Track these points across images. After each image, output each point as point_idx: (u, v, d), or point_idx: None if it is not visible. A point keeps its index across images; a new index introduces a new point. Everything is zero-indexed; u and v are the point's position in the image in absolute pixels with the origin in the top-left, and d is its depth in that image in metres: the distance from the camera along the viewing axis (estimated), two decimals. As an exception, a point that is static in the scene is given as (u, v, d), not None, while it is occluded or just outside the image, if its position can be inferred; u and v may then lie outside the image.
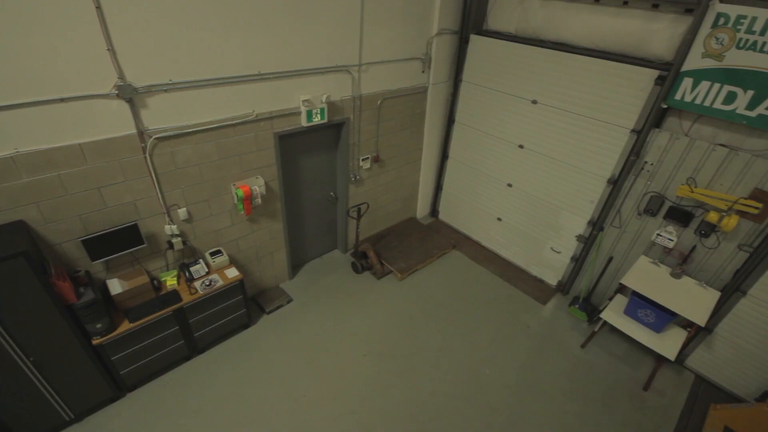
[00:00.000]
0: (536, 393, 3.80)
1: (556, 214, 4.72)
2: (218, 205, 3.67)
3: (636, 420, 3.63)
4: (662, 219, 3.86)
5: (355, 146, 4.55)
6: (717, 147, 3.35)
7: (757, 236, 3.36)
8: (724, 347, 3.82)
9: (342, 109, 4.15)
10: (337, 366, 3.88)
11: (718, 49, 3.07)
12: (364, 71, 4.10)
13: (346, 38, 3.78)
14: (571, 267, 4.84)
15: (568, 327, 4.57)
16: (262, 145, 3.68)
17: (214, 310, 3.72)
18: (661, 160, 3.69)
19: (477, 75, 4.86)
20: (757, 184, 3.24)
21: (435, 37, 4.54)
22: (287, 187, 4.34)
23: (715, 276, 3.72)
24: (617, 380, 3.98)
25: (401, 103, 4.73)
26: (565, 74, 4.06)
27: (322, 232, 5.15)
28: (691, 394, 3.92)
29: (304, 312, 4.45)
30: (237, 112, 3.37)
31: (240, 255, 4.12)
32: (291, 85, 3.59)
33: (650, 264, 4.00)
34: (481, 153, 5.22)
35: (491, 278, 5.21)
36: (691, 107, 3.34)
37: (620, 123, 3.83)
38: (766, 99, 2.99)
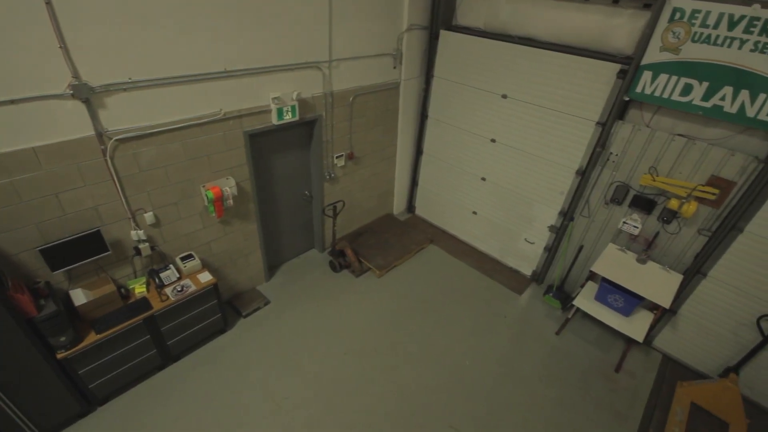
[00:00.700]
0: (515, 381, 3.89)
1: (529, 205, 4.83)
2: (188, 207, 3.55)
3: (609, 401, 3.77)
4: (627, 207, 4.01)
5: (329, 144, 4.50)
6: (676, 137, 3.50)
7: (714, 221, 3.54)
8: (687, 327, 4.02)
9: (314, 107, 4.09)
10: (318, 366, 3.85)
11: (674, 42, 3.21)
12: (334, 67, 4.05)
13: (315, 34, 3.72)
14: (544, 257, 4.97)
15: (544, 315, 4.70)
16: (232, 145, 3.58)
17: (187, 316, 3.60)
18: (624, 150, 3.84)
19: (448, 70, 4.89)
20: (713, 172, 3.41)
21: (405, 33, 4.54)
22: (260, 187, 4.25)
23: (677, 260, 3.90)
24: (591, 364, 4.13)
25: (374, 100, 4.71)
26: (532, 69, 4.15)
27: (299, 231, 5.08)
28: (659, 374, 4.11)
29: (283, 313, 4.39)
30: (204, 110, 3.26)
31: (213, 258, 4.00)
32: (260, 83, 3.51)
33: (618, 251, 4.16)
34: (455, 148, 5.28)
35: (469, 271, 5.29)
36: (651, 99, 3.48)
37: (586, 116, 3.96)
38: (719, 90, 3.15)
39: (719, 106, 3.18)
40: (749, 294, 3.52)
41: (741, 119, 3.12)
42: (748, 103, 3.05)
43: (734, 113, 3.13)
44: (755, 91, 3.00)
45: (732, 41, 2.98)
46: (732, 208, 3.39)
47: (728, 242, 3.48)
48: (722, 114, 3.18)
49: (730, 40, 2.99)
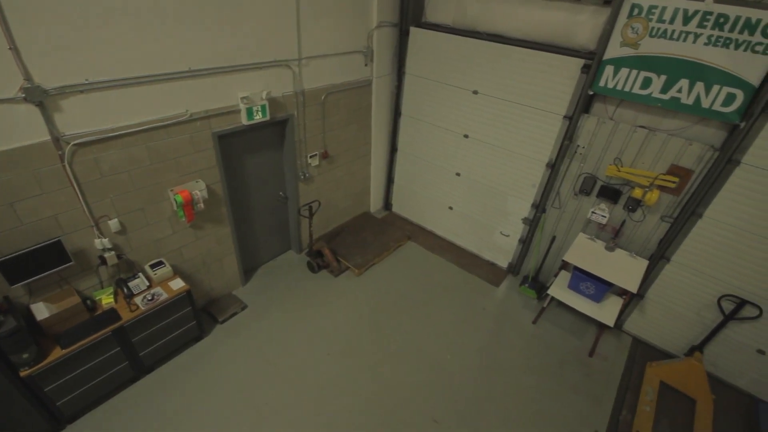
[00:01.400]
0: (495, 371, 3.97)
1: (503, 199, 4.92)
2: (155, 213, 3.42)
3: (585, 384, 3.91)
4: (595, 198, 4.16)
5: (302, 143, 4.44)
6: (637, 129, 3.65)
7: (675, 208, 3.72)
8: (654, 310, 4.21)
9: (285, 106, 4.02)
10: (299, 369, 3.80)
11: (633, 37, 3.34)
12: (304, 65, 3.99)
13: (283, 31, 3.65)
14: (519, 249, 5.09)
15: (521, 305, 4.81)
16: (200, 147, 3.47)
17: (160, 325, 3.48)
18: (591, 143, 3.97)
19: (419, 67, 4.92)
20: (673, 161, 3.57)
21: (375, 30, 4.52)
22: (232, 190, 4.14)
23: (643, 246, 4.07)
24: (566, 350, 4.26)
25: (346, 98, 4.68)
26: (501, 65, 4.22)
27: (274, 233, 4.99)
28: (630, 356, 4.29)
29: (261, 317, 4.31)
30: (168, 112, 3.15)
31: (185, 264, 3.88)
32: (227, 82, 3.41)
33: (588, 240, 4.30)
34: (429, 144, 5.31)
35: (447, 266, 5.35)
36: (613, 93, 3.61)
37: (554, 110, 4.06)
38: (676, 83, 3.29)
39: (677, 98, 3.33)
40: (710, 276, 3.72)
41: (697, 110, 3.28)
42: (703, 95, 3.21)
43: (691, 104, 3.29)
44: (709, 82, 3.16)
45: (687, 35, 3.13)
46: (691, 195, 3.57)
47: (689, 228, 3.66)
48: (679, 105, 3.34)
49: (685, 35, 3.13)
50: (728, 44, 2.99)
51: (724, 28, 2.97)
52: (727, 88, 3.09)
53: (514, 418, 3.55)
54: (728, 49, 3.00)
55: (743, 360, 3.84)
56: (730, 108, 3.13)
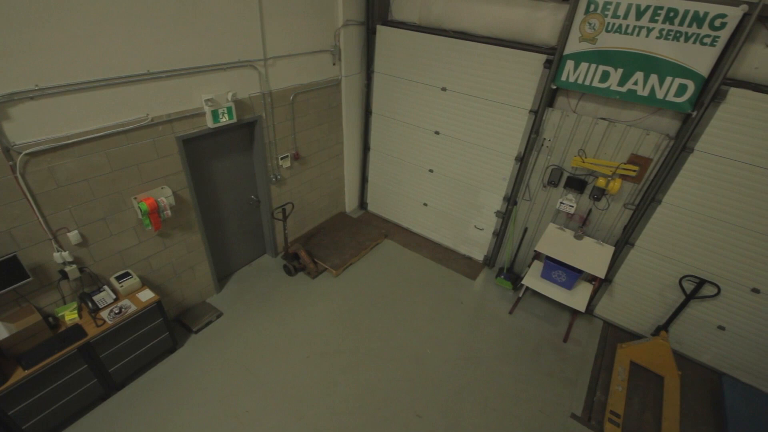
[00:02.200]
0: (474, 362, 4.04)
1: (476, 193, 5.01)
2: (119, 222, 3.29)
3: (560, 369, 4.04)
4: (563, 188, 4.29)
5: (272, 145, 4.36)
6: (599, 120, 3.79)
7: (637, 195, 3.89)
8: (622, 294, 4.39)
9: (252, 107, 3.94)
10: (279, 374, 3.75)
11: (591, 33, 3.46)
12: (270, 66, 3.92)
13: (247, 31, 3.57)
14: (493, 241, 5.19)
15: (497, 297, 4.91)
16: (164, 152, 3.36)
17: (129, 339, 3.35)
18: (556, 135, 4.09)
19: (388, 65, 4.93)
20: (633, 150, 3.73)
21: (342, 29, 4.49)
22: (201, 195, 4.03)
23: (608, 233, 4.24)
24: (542, 337, 4.38)
25: (315, 97, 4.63)
26: (467, 61, 4.28)
27: (248, 238, 4.90)
28: (602, 339, 4.46)
29: (238, 324, 4.21)
30: (127, 116, 3.02)
31: (154, 274, 3.75)
32: (190, 84, 3.31)
33: (557, 230, 4.44)
34: (401, 142, 5.34)
35: (424, 262, 5.39)
36: (575, 87, 3.73)
37: (520, 105, 4.16)
38: (632, 75, 3.43)
39: (633, 90, 3.47)
40: (671, 258, 3.91)
41: (652, 101, 3.43)
42: (657, 86, 3.36)
43: (646, 96, 3.44)
44: (662, 74, 3.31)
45: (640, 30, 3.26)
46: (650, 182, 3.74)
47: (650, 214, 3.84)
48: (636, 97, 3.49)
49: (639, 29, 3.27)
50: (678, 37, 3.14)
51: (674, 22, 3.12)
52: (678, 80, 3.25)
53: (494, 407, 3.62)
54: (678, 42, 3.15)
55: (705, 336, 4.07)
56: (682, 98, 3.29)
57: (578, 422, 3.56)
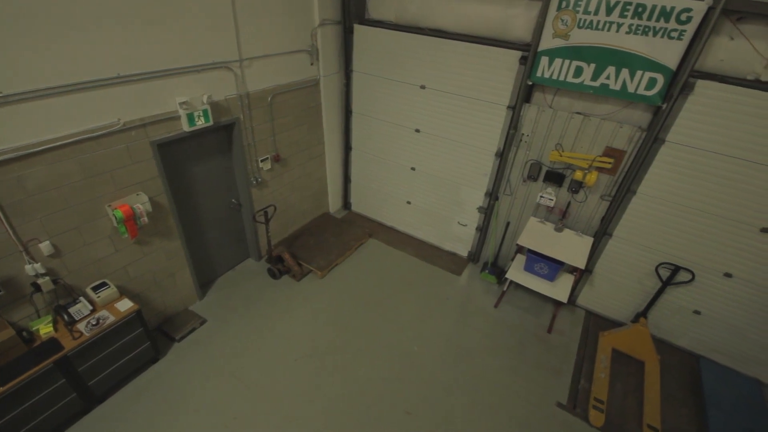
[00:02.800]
0: (462, 357, 4.08)
1: (458, 190, 5.05)
2: (93, 231, 3.19)
3: (546, 359, 4.11)
4: (542, 182, 4.36)
5: (251, 147, 4.30)
6: (574, 115, 3.87)
7: (612, 186, 3.99)
8: (602, 283, 4.50)
9: (229, 110, 3.88)
10: (267, 378, 3.71)
11: (564, 29, 3.52)
12: (247, 67, 3.86)
13: (221, 32, 3.51)
14: (477, 237, 5.25)
15: (482, 291, 4.97)
16: (138, 157, 3.27)
17: (109, 351, 3.26)
18: (534, 130, 4.16)
19: (366, 64, 4.92)
20: (607, 143, 3.83)
21: (318, 28, 4.46)
22: (180, 200, 3.94)
23: (587, 225, 4.34)
24: (527, 329, 4.45)
25: (294, 98, 4.59)
26: (445, 59, 4.31)
27: (230, 242, 4.82)
28: (584, 328, 4.56)
29: (223, 330, 4.15)
30: (98, 122, 2.93)
31: (132, 283, 3.65)
32: (163, 87, 3.23)
33: (538, 223, 4.51)
34: (383, 141, 5.34)
35: (409, 260, 5.41)
36: (550, 82, 3.80)
37: (498, 101, 4.21)
38: (605, 70, 3.52)
39: (606, 84, 3.56)
40: (647, 247, 4.03)
41: (624, 95, 3.52)
42: (629, 80, 3.45)
43: (618, 90, 3.53)
44: (633, 69, 3.40)
45: (611, 25, 3.34)
46: (625, 173, 3.84)
47: (625, 204, 3.94)
48: (609, 91, 3.57)
49: (609, 24, 3.35)
50: (647, 32, 3.23)
51: (643, 17, 3.20)
52: (648, 73, 3.35)
53: (482, 400, 3.66)
54: (647, 37, 3.24)
55: (682, 321, 4.21)
56: (652, 91, 3.39)
57: (564, 410, 3.64)
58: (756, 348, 3.92)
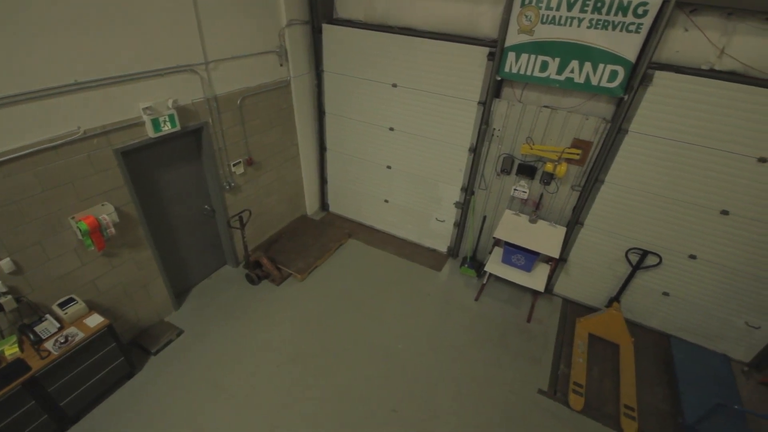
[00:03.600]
0: (445, 351, 4.12)
1: (434, 186, 5.09)
2: (56, 245, 3.05)
3: (526, 348, 4.20)
4: (515, 175, 4.45)
5: (222, 151, 4.20)
6: (542, 108, 3.96)
7: (582, 177, 4.11)
8: (576, 271, 4.64)
9: (197, 114, 3.78)
10: (249, 386, 3.64)
11: (528, 25, 3.60)
12: (213, 69, 3.77)
13: (183, 34, 3.41)
14: (455, 232, 5.31)
15: (463, 286, 5.03)
16: (101, 166, 3.14)
17: (80, 368, 3.13)
18: (505, 125, 4.23)
19: (337, 64, 4.89)
20: (575, 135, 3.94)
21: (286, 28, 4.40)
22: (149, 209, 3.82)
23: (560, 215, 4.45)
24: (507, 320, 4.54)
25: (265, 100, 4.51)
26: (415, 57, 4.33)
27: (205, 249, 4.70)
28: (562, 315, 4.69)
29: (201, 340, 4.04)
30: (56, 131, 2.80)
31: (102, 297, 3.51)
32: (125, 93, 3.12)
33: (513, 215, 4.60)
34: (357, 140, 5.32)
35: (389, 258, 5.42)
36: (517, 77, 3.87)
37: (469, 97, 4.27)
38: (569, 64, 3.61)
39: (570, 78, 3.66)
40: (616, 234, 4.17)
41: (588, 87, 3.63)
42: (592, 73, 3.56)
43: (583, 83, 3.64)
44: (595, 62, 3.51)
45: (572, 20, 3.44)
46: (593, 164, 3.96)
47: (594, 194, 4.07)
48: (574, 84, 3.67)
49: (571, 19, 3.44)
50: (606, 26, 3.34)
51: (602, 12, 3.31)
52: (610, 66, 3.46)
53: (467, 392, 3.71)
54: (607, 31, 3.35)
55: (652, 303, 4.38)
56: (614, 83, 3.50)
57: (545, 396, 3.73)
58: (721, 325, 4.12)
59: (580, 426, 3.50)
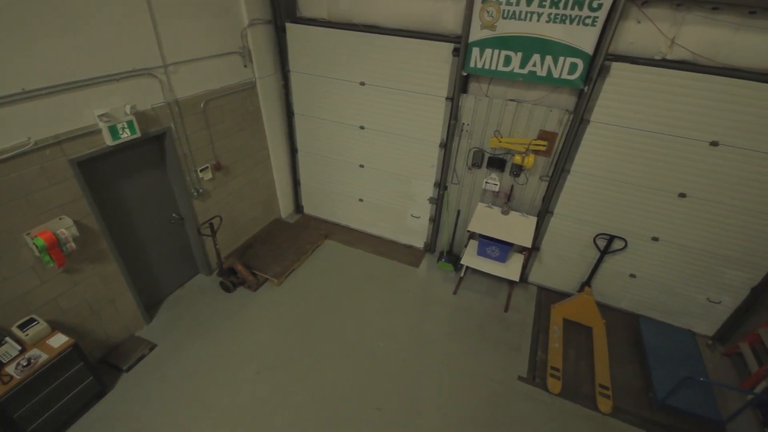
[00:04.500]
0: (426, 346, 4.15)
1: (408, 183, 5.11)
2: (11, 264, 2.87)
3: (505, 337, 4.29)
4: (486, 169, 4.53)
5: (188, 157, 4.07)
6: (508, 102, 4.05)
7: (549, 167, 4.22)
8: (549, 259, 4.77)
9: (158, 119, 3.64)
10: (228, 396, 3.55)
11: (490, 20, 3.66)
12: (173, 72, 3.64)
13: (138, 36, 3.27)
14: (431, 227, 5.35)
15: (441, 280, 5.08)
16: (56, 178, 2.98)
17: (46, 391, 2.98)
18: (473, 119, 4.29)
19: (303, 63, 4.82)
20: (541, 127, 4.04)
21: (248, 28, 4.29)
22: (112, 220, 3.65)
23: (530, 205, 4.57)
24: (485, 311, 4.62)
25: (230, 102, 4.40)
26: (381, 55, 4.33)
27: (176, 259, 4.55)
28: (537, 303, 4.81)
29: (175, 353, 3.91)
30: (4, 143, 2.64)
31: (66, 316, 3.34)
32: (78, 99, 2.97)
33: (486, 208, 4.69)
34: (328, 140, 5.28)
35: (367, 257, 5.41)
36: (483, 72, 3.93)
37: (437, 93, 4.30)
38: (531, 58, 3.70)
39: (533, 71, 3.74)
40: (584, 220, 4.31)
41: (550, 80, 3.73)
42: (553, 66, 3.66)
43: (545, 76, 3.73)
44: (556, 55, 3.60)
45: (532, 15, 3.52)
46: (559, 154, 4.07)
47: (562, 183, 4.19)
48: (537, 78, 3.76)
49: (530, 14, 3.52)
50: (564, 20, 3.43)
51: (560, 6, 3.40)
52: (569, 59, 3.56)
53: (448, 385, 3.76)
54: (565, 24, 3.45)
55: (621, 285, 4.56)
56: (574, 75, 3.61)
57: (524, 382, 3.83)
58: (685, 302, 4.34)
59: (559, 408, 3.62)
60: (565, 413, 3.58)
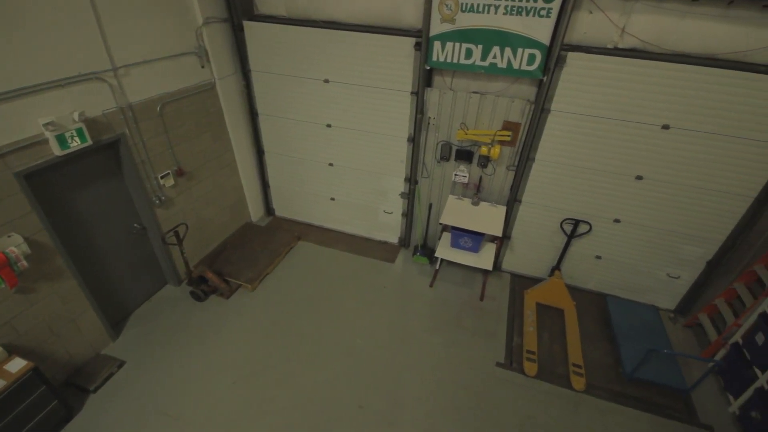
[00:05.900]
0: (405, 341, 4.17)
1: (378, 179, 5.10)
2: (-45, 288, 2.67)
3: (481, 326, 4.38)
4: (454, 161, 4.58)
5: (146, 164, 3.89)
6: (472, 94, 4.10)
7: (515, 157, 4.31)
8: (520, 246, 4.89)
9: (111, 125, 3.46)
10: (205, 409, 3.45)
11: (449, 14, 3.68)
12: (124, 75, 3.46)
13: (83, 38, 3.09)
14: (404, 222, 5.37)
15: (417, 274, 5.12)
16: (1, 193, 2.78)
17: (8, 420, 2.79)
18: (439, 113, 4.33)
19: (264, 62, 4.70)
20: (504, 117, 4.12)
21: (203, 27, 4.14)
22: (67, 235, 3.45)
23: (499, 195, 4.66)
24: (462, 302, 4.69)
25: (189, 105, 4.23)
26: (343, 51, 4.28)
27: (141, 271, 4.35)
28: (511, 290, 4.93)
29: (146, 369, 3.76)
30: (-65, 158, 2.44)
31: (23, 338, 3.14)
32: (18, 108, 2.77)
33: (457, 200, 4.75)
34: (295, 140, 5.19)
35: (342, 256, 5.38)
36: (446, 66, 3.96)
37: (401, 88, 4.31)
38: (491, 50, 3.75)
39: (494, 63, 3.80)
40: (551, 207, 4.44)
41: (511, 72, 3.80)
42: (512, 58, 3.73)
43: (505, 68, 3.79)
44: (514, 47, 3.67)
45: (489, 7, 3.56)
46: (523, 144, 4.17)
47: (528, 171, 4.30)
48: (498, 70, 3.82)
49: (488, 7, 3.56)
50: (520, 12, 3.50)
51: (515, -2, 3.46)
52: (528, 50, 3.64)
53: (428, 377, 3.80)
54: (521, 16, 3.51)
55: (588, 267, 4.74)
56: (533, 66, 3.69)
57: (502, 368, 3.92)
58: (647, 279, 4.56)
59: (536, 389, 3.73)
60: (542, 394, 3.70)
